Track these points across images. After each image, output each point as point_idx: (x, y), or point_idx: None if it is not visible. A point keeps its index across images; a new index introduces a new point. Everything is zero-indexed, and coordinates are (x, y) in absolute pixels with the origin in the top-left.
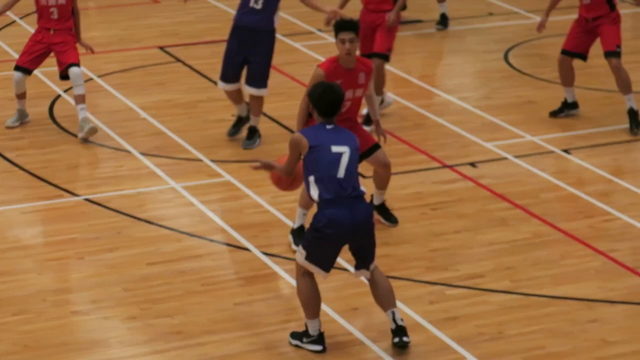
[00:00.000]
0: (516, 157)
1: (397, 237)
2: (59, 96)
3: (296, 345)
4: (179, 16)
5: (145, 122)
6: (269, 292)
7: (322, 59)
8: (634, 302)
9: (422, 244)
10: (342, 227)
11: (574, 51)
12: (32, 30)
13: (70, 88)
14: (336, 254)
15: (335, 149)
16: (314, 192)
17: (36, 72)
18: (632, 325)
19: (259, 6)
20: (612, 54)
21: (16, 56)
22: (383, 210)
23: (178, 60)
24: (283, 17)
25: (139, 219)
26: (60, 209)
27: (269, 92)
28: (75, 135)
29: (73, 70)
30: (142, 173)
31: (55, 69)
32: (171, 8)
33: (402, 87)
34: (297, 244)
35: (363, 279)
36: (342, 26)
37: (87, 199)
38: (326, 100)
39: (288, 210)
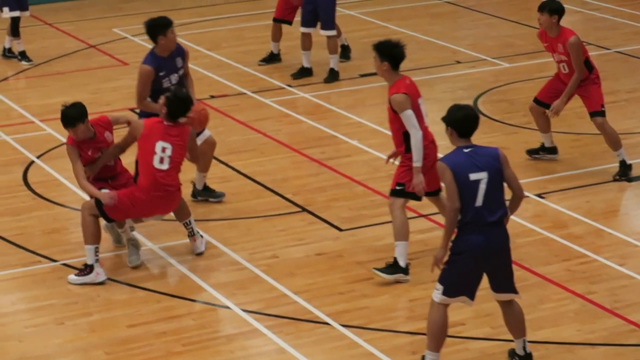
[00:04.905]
0: None
1: (375, 288)
2: (32, 162)
3: None
4: None
5: None
6: (251, 350)
7: (293, 114)
8: (614, 344)
9: (401, 294)
10: (477, 253)
11: (546, 102)
12: None
13: (44, 154)
14: (477, 280)
15: (473, 176)
16: None
17: (8, 138)
18: None
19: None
20: (597, 113)
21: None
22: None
23: None
24: (251, 73)
25: (117, 281)
26: (37, 275)
27: (239, 150)
28: (50, 201)
29: None
30: None
31: (31, 135)
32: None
33: (373, 138)
34: None
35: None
36: None
37: (64, 264)
38: (468, 122)
39: (265, 266)
